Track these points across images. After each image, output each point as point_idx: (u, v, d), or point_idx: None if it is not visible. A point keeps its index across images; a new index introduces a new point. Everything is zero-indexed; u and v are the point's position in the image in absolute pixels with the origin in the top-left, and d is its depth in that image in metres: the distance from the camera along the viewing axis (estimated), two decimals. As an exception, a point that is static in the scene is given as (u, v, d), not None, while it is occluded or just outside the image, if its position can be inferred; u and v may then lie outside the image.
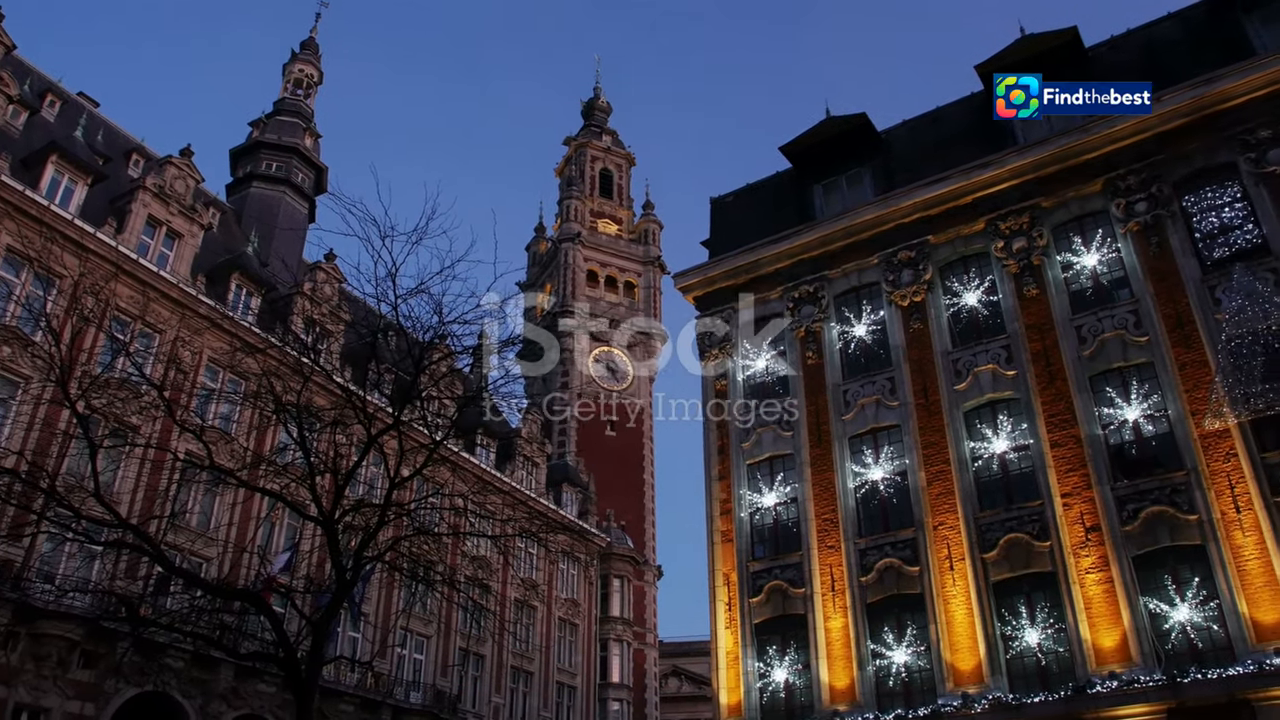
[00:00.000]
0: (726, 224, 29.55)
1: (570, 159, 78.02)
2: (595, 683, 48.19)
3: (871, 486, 23.21)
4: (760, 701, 22.25)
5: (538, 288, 71.83)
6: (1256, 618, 17.88)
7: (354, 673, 32.84)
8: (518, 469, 47.06)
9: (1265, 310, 19.30)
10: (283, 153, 47.73)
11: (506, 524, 25.27)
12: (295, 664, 16.30)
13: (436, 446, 18.68)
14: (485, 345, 19.91)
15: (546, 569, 46.10)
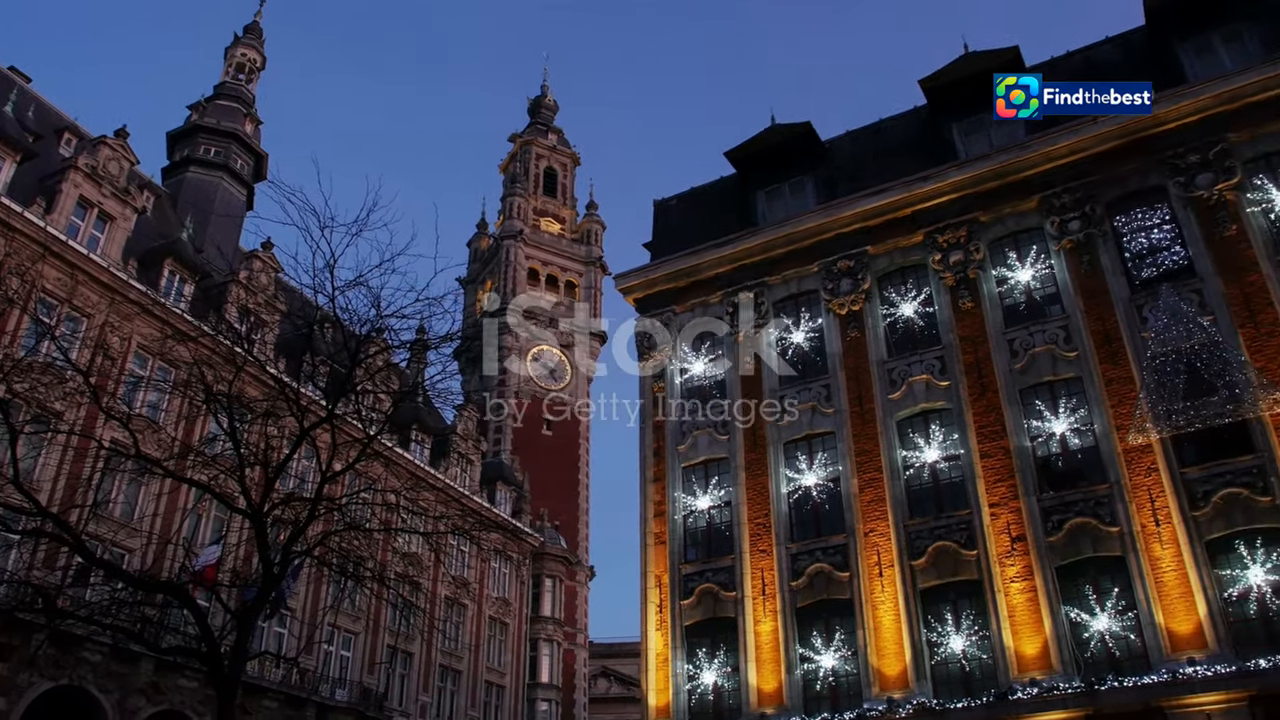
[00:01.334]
0: (669, 227, 29.65)
1: (515, 156, 77.64)
2: (524, 682, 47.99)
3: (805, 492, 23.43)
4: (689, 703, 22.34)
5: (478, 284, 71.37)
6: (1172, 628, 18.41)
7: (279, 669, 32.34)
8: (452, 466, 46.72)
9: (1189, 330, 19.90)
10: (221, 138, 46.86)
11: (439, 521, 25.02)
12: (218, 659, 16.01)
13: (370, 441, 18.48)
14: (424, 340, 19.76)
15: (478, 567, 45.80)
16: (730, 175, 29.48)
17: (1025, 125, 25.17)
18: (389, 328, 18.23)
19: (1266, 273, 20.65)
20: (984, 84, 25.29)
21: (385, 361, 21.22)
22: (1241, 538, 18.80)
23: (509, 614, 47.95)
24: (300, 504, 19.16)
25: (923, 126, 27.19)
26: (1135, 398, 20.31)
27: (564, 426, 63.49)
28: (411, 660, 40.69)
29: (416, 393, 22.87)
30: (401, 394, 21.47)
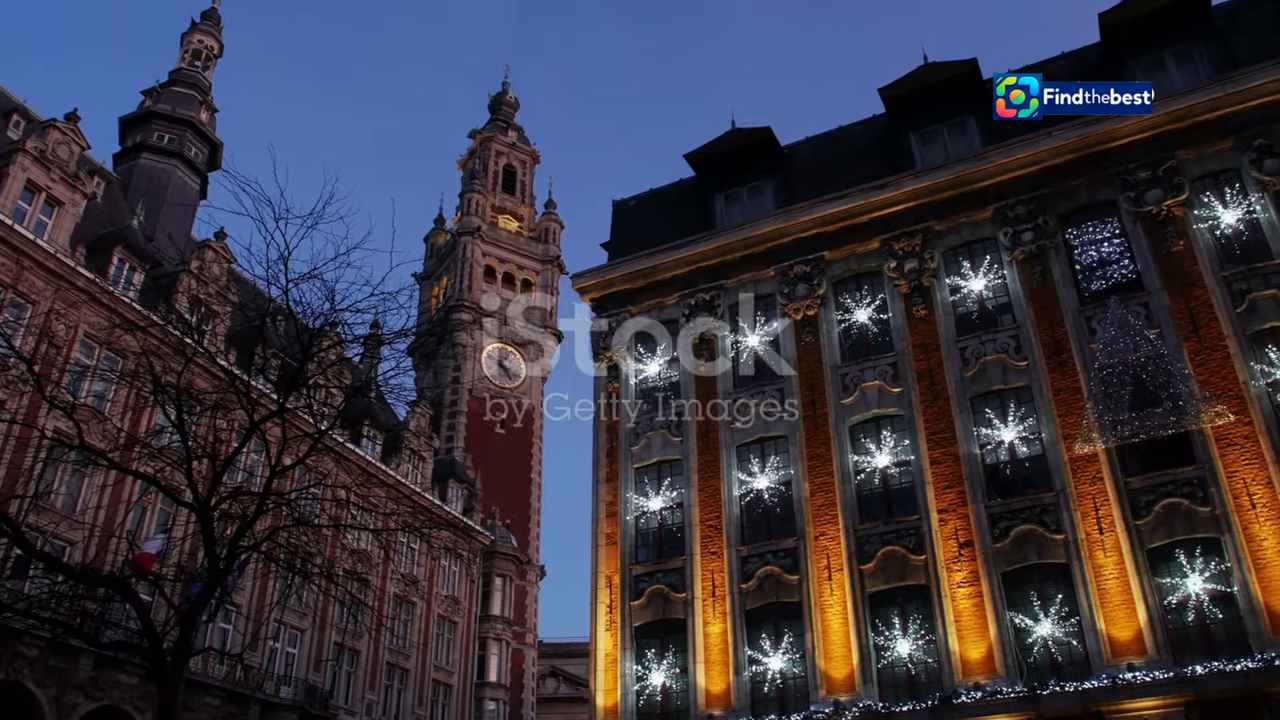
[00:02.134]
0: (627, 228, 29.66)
1: (474, 152, 77.22)
2: (472, 682, 47.75)
3: (756, 495, 23.55)
4: (637, 704, 22.36)
5: (434, 280, 70.93)
6: (1113, 634, 18.76)
7: (222, 665, 31.92)
8: (404, 463, 46.39)
9: (1135, 342, 20.30)
10: (176, 125, 46.15)
11: (389, 518, 24.85)
12: (160, 655, 15.77)
13: (321, 436, 18.30)
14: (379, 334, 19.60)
15: (428, 565, 45.50)
16: (690, 178, 29.55)
17: (981, 136, 25.58)
18: (343, 322, 18.06)
19: (1211, 288, 21.11)
20: (942, 94, 25.86)
21: (338, 356, 21.03)
22: (1181, 546, 19.22)
23: (458, 612, 47.69)
24: (248, 498, 18.91)
25: (882, 134, 27.47)
26: (1082, 408, 20.67)
27: (517, 425, 63.28)
28: (358, 658, 40.34)
29: (369, 388, 22.68)
30: (354, 389, 21.29)
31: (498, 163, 75.99)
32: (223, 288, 37.04)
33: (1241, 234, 21.82)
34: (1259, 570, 18.32)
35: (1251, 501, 18.87)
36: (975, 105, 26.00)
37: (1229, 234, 21.89)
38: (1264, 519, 18.65)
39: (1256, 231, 21.68)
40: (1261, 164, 21.92)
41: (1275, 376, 20.09)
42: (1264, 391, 19.99)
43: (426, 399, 53.85)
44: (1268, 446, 19.21)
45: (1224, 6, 24.79)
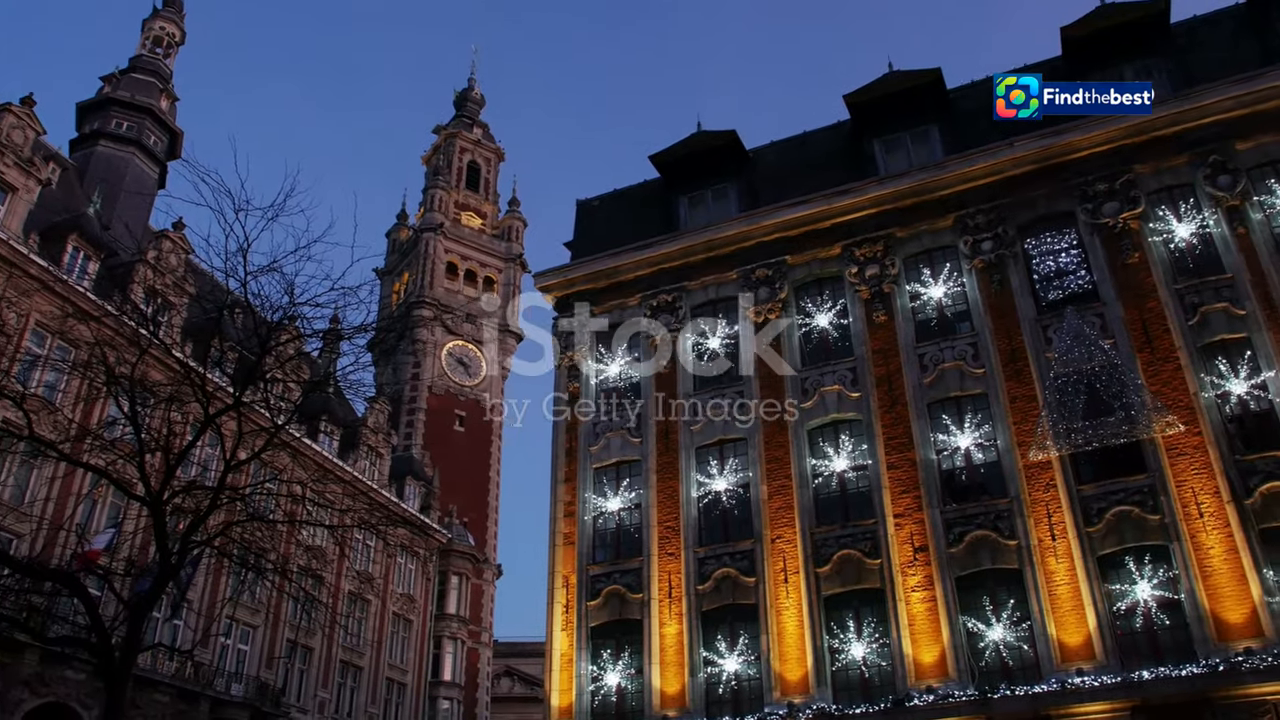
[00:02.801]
0: (591, 227, 29.64)
1: (439, 148, 76.78)
2: (427, 680, 47.45)
3: (714, 497, 23.61)
4: (591, 705, 22.33)
5: (396, 276, 70.46)
6: (1063, 639, 19.03)
7: (172, 661, 31.48)
8: (361, 459, 46.01)
9: (1090, 352, 20.67)
10: (135, 112, 45.48)
11: (345, 514, 24.66)
12: (109, 650, 15.52)
13: (278, 431, 18.11)
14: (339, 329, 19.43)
15: (384, 562, 45.14)
16: (654, 179, 29.59)
17: (943, 145, 25.85)
18: (302, 316, 17.89)
19: (1164, 300, 21.49)
20: (906, 102, 26.11)
21: (296, 350, 20.88)
22: (1131, 554, 19.54)
23: (413, 611, 47.37)
24: (202, 493, 18.68)
25: (846, 141, 27.68)
26: (1037, 415, 20.96)
27: (476, 423, 63.04)
28: (311, 656, 39.94)
29: (327, 383, 22.48)
30: (312, 384, 21.12)
31: (462, 159, 75.62)
32: (180, 279, 36.53)
33: (1195, 248, 22.23)
34: (1205, 578, 18.67)
35: (1199, 510, 19.23)
36: (939, 114, 26.30)
37: (1183, 247, 22.29)
38: (1211, 528, 19.00)
39: (1209, 246, 22.10)
40: (1215, 180, 22.35)
41: (1224, 388, 20.49)
42: (1213, 403, 20.37)
43: (385, 395, 53.45)
44: (1216, 457, 19.59)
45: (1183, 24, 25.24)
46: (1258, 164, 22.46)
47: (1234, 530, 18.86)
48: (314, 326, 18.89)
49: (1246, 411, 20.37)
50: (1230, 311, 21.07)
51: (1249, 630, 18.00)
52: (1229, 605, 18.33)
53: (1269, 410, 20.07)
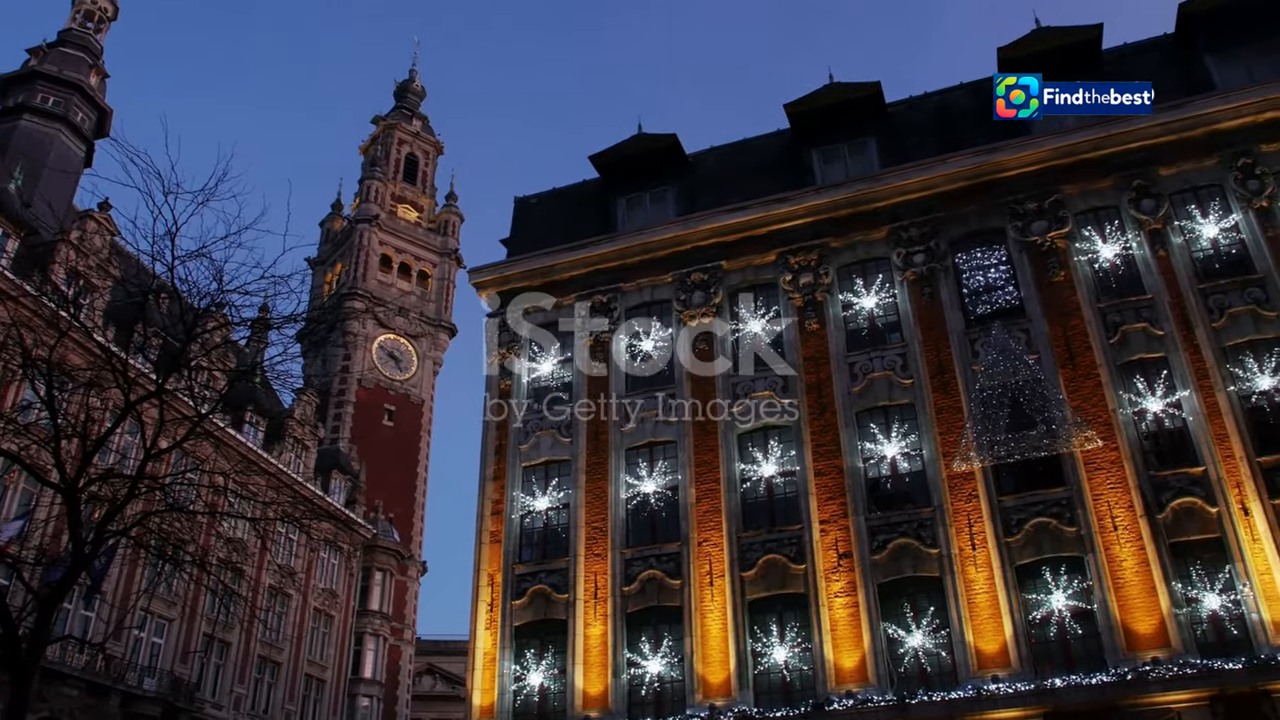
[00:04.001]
0: (528, 225, 29.54)
1: (377, 139, 75.88)
2: (347, 677, 46.77)
3: (643, 499, 23.66)
4: (513, 704, 22.22)
5: (328, 266, 69.47)
6: (980, 646, 19.44)
7: (82, 654, 30.63)
8: (286, 451, 45.22)
9: (1015, 366, 21.20)
10: (62, 87, 44.20)
11: (268, 507, 24.16)
12: (15, 642, 15.02)
13: (201, 420, 17.71)
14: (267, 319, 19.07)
15: (306, 557, 44.39)
16: (594, 179, 29.58)
17: (880, 158, 26.24)
18: (230, 303, 17.48)
19: (1088, 318, 22.08)
20: (846, 114, 26.48)
21: (223, 338, 20.44)
22: (1048, 564, 20.02)
23: (335, 606, 46.65)
24: (119, 481, 18.19)
25: (785, 149, 27.95)
26: (962, 427, 21.39)
27: (406, 418, 62.42)
28: (229, 650, 39.14)
29: (254, 373, 22.07)
30: (238, 373, 20.69)
31: (400, 151, 74.83)
32: (104, 261, 35.58)
33: (1118, 268, 22.87)
34: (1118, 589, 19.21)
35: (1114, 523, 19.78)
36: (877, 126, 26.71)
37: (1106, 268, 22.92)
38: (1124, 540, 19.56)
39: (1132, 267, 22.76)
40: (1139, 203, 23.03)
41: (1141, 405, 21.10)
42: (1130, 419, 20.97)
43: (314, 387, 52.68)
44: (1131, 471, 20.18)
45: (1114, 51, 25.93)
46: (1179, 190, 23.20)
47: (1146, 544, 19.45)
48: (242, 315, 18.46)
49: (1161, 429, 21.00)
50: (1149, 331, 21.72)
51: (1157, 641, 18.57)
52: (1139, 616, 18.89)
53: (1183, 428, 20.73)
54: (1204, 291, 21.86)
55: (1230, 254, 22.43)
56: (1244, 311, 21.41)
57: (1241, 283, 21.77)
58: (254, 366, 21.67)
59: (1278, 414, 20.51)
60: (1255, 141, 22.91)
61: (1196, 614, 18.95)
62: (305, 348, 57.78)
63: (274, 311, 19.08)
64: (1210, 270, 22.34)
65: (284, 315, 18.61)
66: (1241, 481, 19.63)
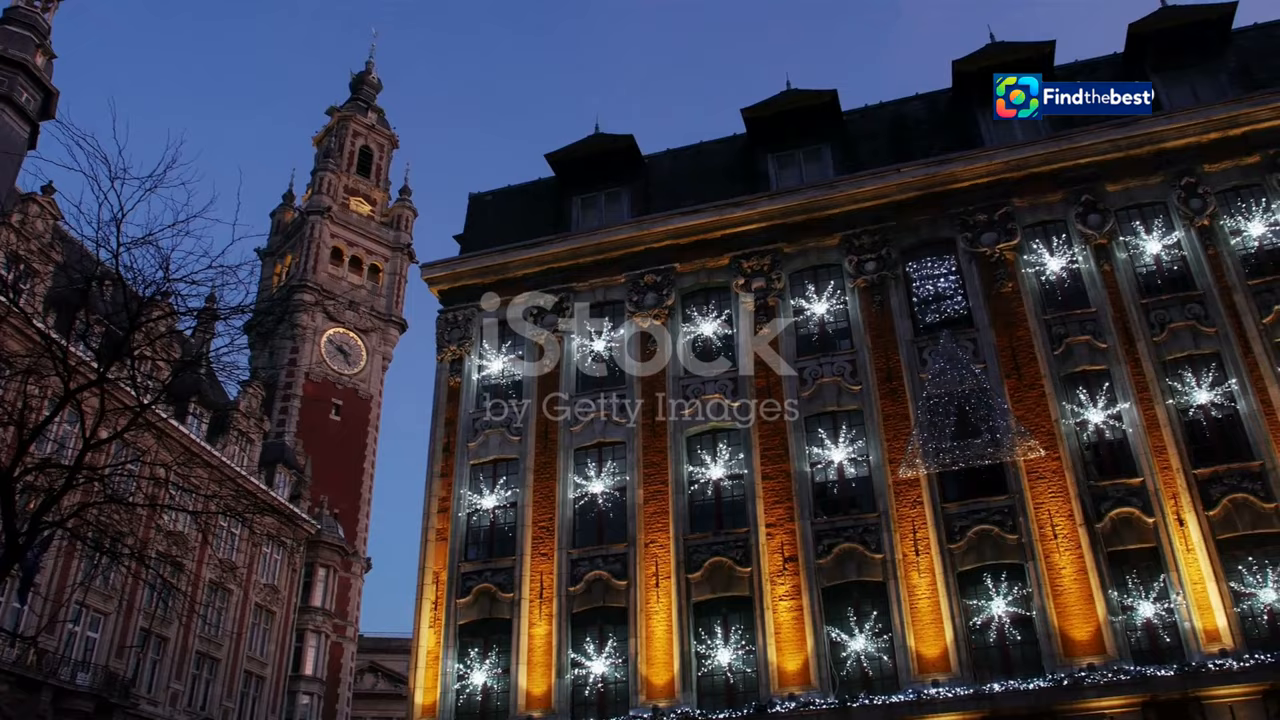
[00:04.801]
0: (482, 222, 29.40)
1: (331, 130, 75.01)
2: (287, 674, 46.17)
3: (591, 499, 23.64)
4: (456, 703, 22.08)
5: (278, 257, 68.56)
6: (921, 651, 19.67)
7: (13, 648, 29.94)
8: (231, 444, 44.58)
9: (962, 375, 21.55)
10: (7, 66, 43.12)
11: (210, 500, 23.81)
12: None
13: (143, 410, 17.39)
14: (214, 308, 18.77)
15: (249, 551, 43.77)
16: (549, 178, 29.51)
17: (834, 165, 26.48)
18: (176, 292, 17.17)
19: (1033, 329, 22.45)
20: (802, 121, 26.71)
21: (169, 328, 20.05)
22: (989, 571, 20.31)
23: (277, 602, 46.05)
24: (57, 471, 17.81)
25: (740, 154, 28.10)
26: (909, 434, 21.64)
27: (354, 413, 61.77)
28: (166, 645, 38.47)
29: (199, 364, 21.69)
30: (183, 363, 20.36)
31: (354, 143, 74.05)
32: (46, 245, 34.83)
33: (1064, 281, 23.27)
34: (1056, 596, 19.55)
35: (1054, 532, 20.12)
36: (832, 134, 26.96)
37: (1053, 280, 23.31)
38: (1064, 549, 19.91)
39: (1077, 280, 23.18)
40: (1086, 218, 23.46)
41: (1083, 416, 21.49)
42: (1072, 429, 21.35)
43: (260, 379, 51.87)
44: (1072, 481, 20.54)
45: (1065, 67, 26.37)
46: (1125, 206, 23.67)
47: (1085, 552, 19.81)
48: (189, 304, 18.17)
49: (1102, 440, 21.41)
50: (1093, 344, 22.13)
51: (1093, 647, 18.92)
52: (1076, 623, 19.23)
53: (1123, 440, 21.15)
54: (1146, 306, 22.34)
55: (1172, 270, 22.92)
56: (1184, 327, 21.91)
57: (1182, 299, 22.28)
58: (199, 357, 21.28)
59: (1214, 428, 21.00)
60: (1199, 161, 23.46)
61: (1131, 621, 19.34)
62: (253, 339, 57.09)
63: (221, 302, 18.78)
64: (1152, 286, 22.83)
65: (231, 306, 18.33)
66: (1178, 493, 20.07)
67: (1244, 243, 22.66)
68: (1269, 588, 18.96)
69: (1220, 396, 21.11)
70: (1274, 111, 23.28)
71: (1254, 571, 19.18)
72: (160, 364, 20.91)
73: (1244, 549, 19.54)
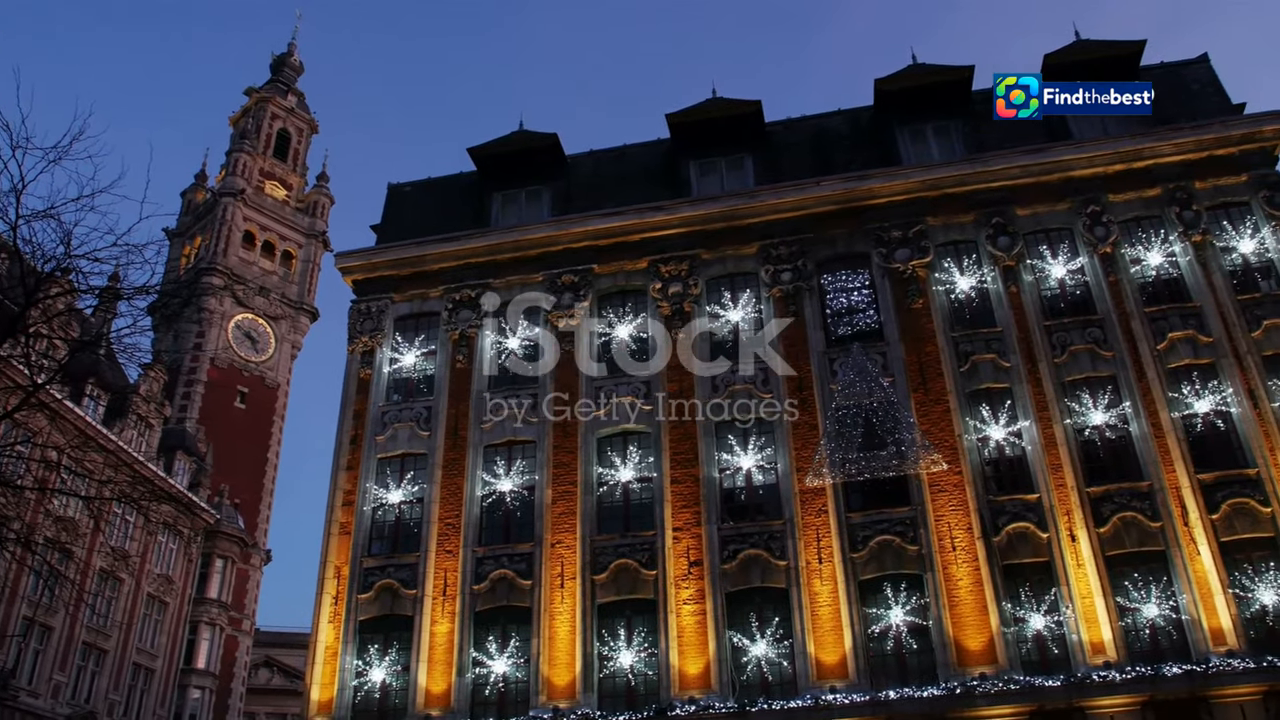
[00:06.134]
0: (400, 214, 29.01)
1: (249, 111, 73.31)
2: (178, 667, 44.86)
3: (499, 497, 23.48)
4: (353, 700, 21.71)
5: (188, 238, 66.77)
6: (820, 658, 19.98)
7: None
8: (129, 428, 43.17)
9: (871, 388, 21.99)
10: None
11: (104, 486, 23.04)
12: None
13: (36, 390, 16.78)
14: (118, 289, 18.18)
15: (143, 540, 42.41)
16: (470, 172, 29.29)
17: (755, 175, 26.77)
18: (77, 269, 16.61)
19: (941, 345, 22.99)
20: (725, 129, 26.97)
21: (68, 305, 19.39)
22: (889, 580, 20.73)
23: (170, 593, 44.70)
24: (-61, 450, 17.08)
25: (663, 159, 28.24)
26: (817, 444, 21.97)
27: (260, 401, 60.44)
28: (50, 635, 37.05)
29: (99, 344, 20.99)
30: (81, 343, 19.62)
31: (272, 126, 72.51)
32: (-62, 215, 33.34)
33: (973, 300, 23.88)
34: (953, 607, 20.04)
35: (953, 544, 20.63)
36: (755, 144, 27.27)
37: (962, 299, 23.91)
38: (961, 560, 20.43)
39: (985, 300, 23.81)
40: (996, 240, 24.12)
41: (985, 433, 22.08)
42: (974, 445, 21.93)
43: (163, 363, 50.39)
44: (971, 495, 21.09)
45: (982, 93, 27.07)
46: (1034, 230, 24.41)
47: (981, 564, 20.35)
48: (90, 282, 17.59)
49: (1002, 456, 22.02)
50: (997, 363, 22.75)
51: (986, 657, 19.45)
52: (971, 633, 19.74)
53: (1021, 457, 21.78)
54: (1049, 328, 23.05)
55: (1075, 294, 23.70)
56: (1083, 350, 22.67)
57: (1083, 322, 23.04)
58: (99, 337, 20.61)
59: (1107, 448, 21.75)
60: (1104, 191, 24.31)
61: (1023, 633, 19.92)
62: (157, 321, 55.62)
63: (125, 281, 18.20)
64: (1056, 309, 23.56)
65: (136, 286, 17.78)
66: (1071, 509, 20.75)
67: (1143, 271, 23.57)
68: (1151, 603, 19.72)
69: (1114, 418, 21.89)
70: (1176, 148, 24.25)
71: (1139, 587, 19.94)
72: (57, 343, 20.13)
73: (1131, 565, 20.32)
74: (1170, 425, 21.37)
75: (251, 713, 54.62)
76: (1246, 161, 24.19)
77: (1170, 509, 20.50)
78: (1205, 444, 21.47)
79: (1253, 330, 22.32)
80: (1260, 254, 23.44)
